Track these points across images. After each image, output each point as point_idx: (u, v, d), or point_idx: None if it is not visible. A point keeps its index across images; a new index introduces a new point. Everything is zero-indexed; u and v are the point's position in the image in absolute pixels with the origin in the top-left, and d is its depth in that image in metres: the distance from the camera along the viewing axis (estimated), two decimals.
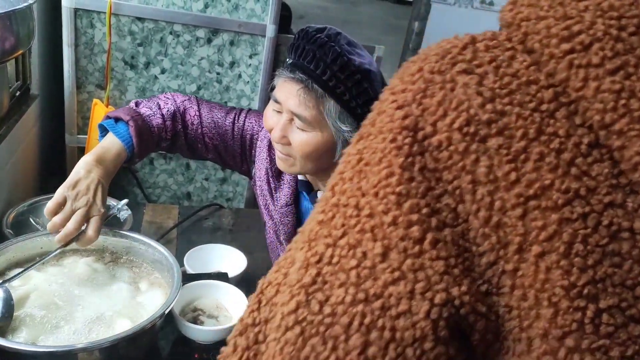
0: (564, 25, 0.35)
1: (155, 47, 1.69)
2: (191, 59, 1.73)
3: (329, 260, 0.36)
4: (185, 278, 1.14)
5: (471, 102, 0.36)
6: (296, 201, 1.26)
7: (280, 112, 1.09)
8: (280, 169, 1.23)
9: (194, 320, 1.07)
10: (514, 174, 0.34)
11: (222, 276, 1.22)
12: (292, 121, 1.07)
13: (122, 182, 1.87)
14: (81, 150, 1.76)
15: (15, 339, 0.88)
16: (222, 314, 1.11)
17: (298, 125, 1.06)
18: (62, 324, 0.94)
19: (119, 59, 1.69)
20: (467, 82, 0.36)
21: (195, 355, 1.04)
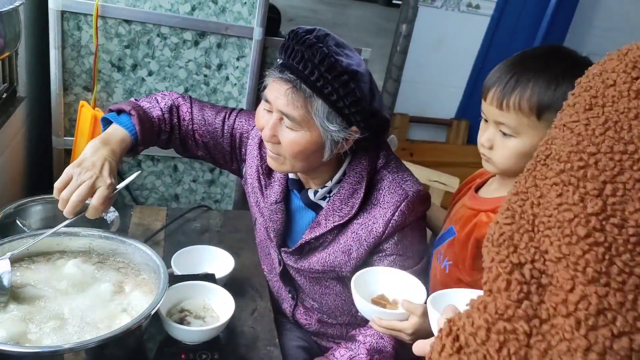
0: None
1: (142, 50, 1.70)
2: (178, 61, 1.74)
3: (612, 193, 0.39)
4: (172, 279, 1.15)
5: None
6: (286, 199, 1.27)
7: (270, 112, 1.10)
8: (270, 167, 1.25)
9: (181, 321, 1.08)
10: None
11: (209, 277, 1.22)
12: (282, 120, 1.08)
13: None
14: (68, 153, 1.76)
15: None
16: (209, 314, 1.12)
17: (287, 125, 1.08)
18: (48, 323, 0.95)
19: (106, 61, 1.69)
20: None
21: (182, 355, 1.05)
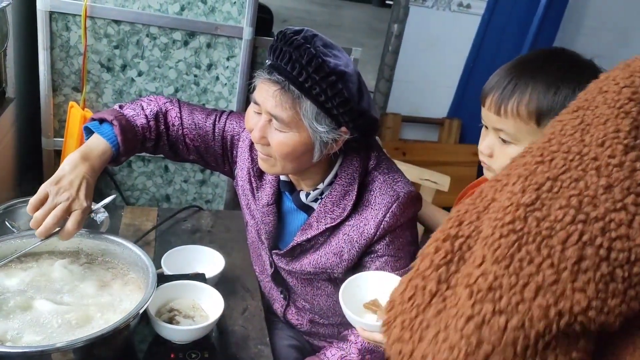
0: None
1: (131, 50, 1.69)
2: (168, 61, 1.73)
3: (549, 188, 0.45)
4: (162, 279, 1.14)
5: None
6: (277, 201, 1.27)
7: (259, 113, 1.10)
8: (261, 169, 1.24)
9: (170, 321, 1.07)
10: None
11: (199, 277, 1.22)
12: (271, 122, 1.08)
13: (100, 185, 1.87)
14: (58, 154, 1.75)
15: None
16: (199, 314, 1.11)
17: (276, 126, 1.08)
18: (36, 323, 0.94)
19: (95, 61, 1.69)
20: None
21: (172, 355, 1.04)
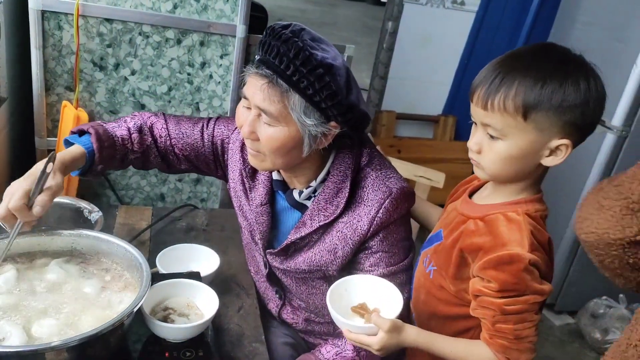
0: None
1: (124, 48, 1.69)
2: (161, 59, 1.73)
3: None
4: (157, 278, 1.14)
5: None
6: (271, 201, 1.26)
7: (249, 108, 1.10)
8: (254, 169, 1.24)
9: (165, 319, 1.07)
10: None
11: (194, 275, 1.22)
12: (260, 116, 1.08)
13: (94, 185, 1.86)
14: None
15: None
16: (193, 312, 1.11)
17: (265, 121, 1.08)
18: (31, 323, 0.94)
19: (88, 60, 1.68)
20: None
21: (166, 354, 1.04)
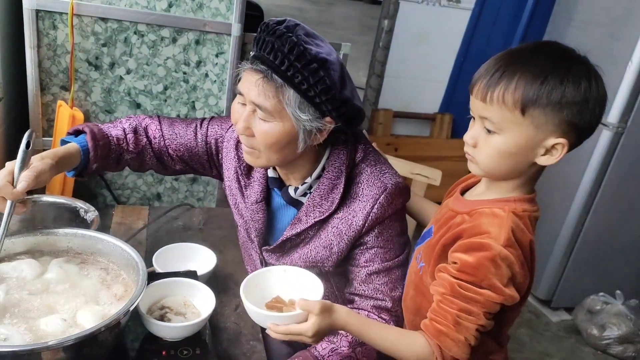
0: None
1: (119, 47, 1.68)
2: (157, 58, 1.72)
3: None
4: (154, 277, 1.14)
5: None
6: (266, 198, 1.26)
7: (244, 104, 1.10)
8: (249, 166, 1.24)
9: (161, 318, 1.07)
10: None
11: (191, 274, 1.22)
12: (255, 112, 1.09)
13: (91, 185, 1.86)
14: None
15: None
16: (190, 310, 1.11)
17: (260, 116, 1.08)
18: (29, 323, 0.94)
19: (83, 59, 1.67)
20: None
21: (163, 352, 1.04)
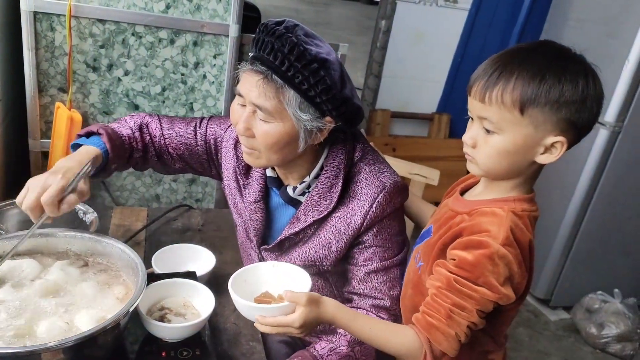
0: None
1: (117, 49, 1.68)
2: (155, 60, 1.72)
3: None
4: (153, 278, 1.14)
5: None
6: (265, 198, 1.27)
7: (244, 105, 1.10)
8: (248, 166, 1.24)
9: (161, 319, 1.07)
10: None
11: (190, 275, 1.22)
12: (255, 113, 1.09)
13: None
14: (45, 155, 1.74)
15: None
16: (190, 311, 1.11)
17: (260, 117, 1.08)
18: (30, 324, 0.94)
19: (81, 61, 1.68)
20: None
21: (163, 353, 1.04)
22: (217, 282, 1.34)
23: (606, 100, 0.99)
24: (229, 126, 1.31)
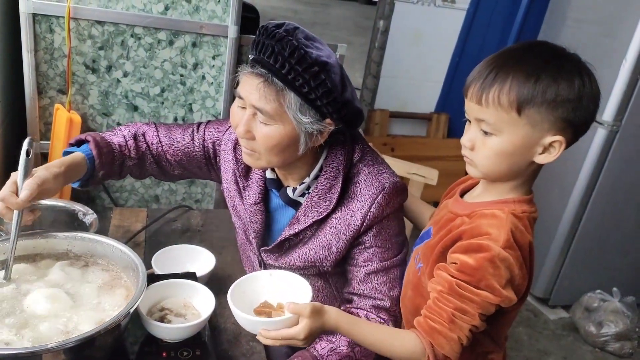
0: None
1: (116, 50, 1.69)
2: (153, 61, 1.73)
3: None
4: (153, 279, 1.14)
5: None
6: (265, 199, 1.27)
7: (244, 108, 1.11)
8: (247, 168, 1.25)
9: (161, 320, 1.07)
10: None
11: (190, 276, 1.22)
12: (255, 115, 1.09)
13: (89, 187, 1.86)
14: (45, 157, 1.74)
15: None
16: (190, 312, 1.12)
17: (261, 119, 1.08)
18: (30, 325, 0.94)
19: (80, 63, 1.68)
20: None
21: (163, 354, 1.04)
22: (217, 283, 1.34)
23: (604, 100, 0.99)
24: (227, 129, 1.31)
